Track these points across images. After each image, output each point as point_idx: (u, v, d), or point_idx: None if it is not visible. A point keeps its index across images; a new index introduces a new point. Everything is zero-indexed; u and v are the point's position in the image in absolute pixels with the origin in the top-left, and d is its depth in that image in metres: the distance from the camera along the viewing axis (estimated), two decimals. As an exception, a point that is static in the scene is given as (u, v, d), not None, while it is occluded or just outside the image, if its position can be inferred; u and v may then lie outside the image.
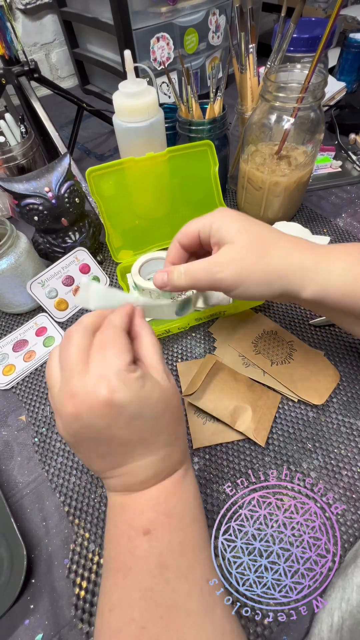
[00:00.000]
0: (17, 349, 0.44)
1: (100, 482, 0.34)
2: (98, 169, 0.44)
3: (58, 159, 0.45)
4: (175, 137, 0.56)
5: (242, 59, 0.50)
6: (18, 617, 0.28)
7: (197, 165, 0.48)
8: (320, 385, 0.38)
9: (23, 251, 0.43)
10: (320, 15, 0.88)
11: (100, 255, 0.54)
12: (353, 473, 0.33)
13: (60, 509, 0.33)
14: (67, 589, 0.29)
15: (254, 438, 0.34)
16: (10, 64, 0.60)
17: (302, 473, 0.33)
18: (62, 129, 0.89)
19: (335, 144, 0.69)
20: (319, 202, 0.61)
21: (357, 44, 0.75)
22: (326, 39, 0.39)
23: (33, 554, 0.31)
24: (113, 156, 0.80)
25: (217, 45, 0.87)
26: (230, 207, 0.61)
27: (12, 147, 0.57)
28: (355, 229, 0.56)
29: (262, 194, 0.52)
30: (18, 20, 0.95)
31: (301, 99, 0.42)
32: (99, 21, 0.78)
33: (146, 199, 0.49)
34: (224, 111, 0.51)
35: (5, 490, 0.35)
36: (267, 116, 0.47)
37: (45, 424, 0.39)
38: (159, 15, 0.74)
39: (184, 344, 0.44)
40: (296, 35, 0.58)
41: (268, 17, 1.04)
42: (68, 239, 0.49)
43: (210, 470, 0.34)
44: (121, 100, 0.45)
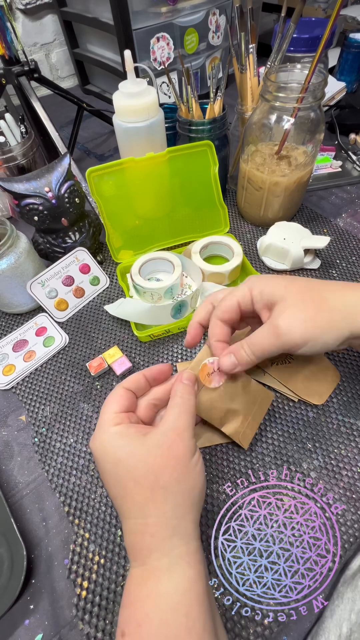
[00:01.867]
0: (17, 349, 0.44)
1: (100, 482, 0.34)
2: (98, 169, 0.44)
3: (58, 159, 0.45)
4: (175, 137, 0.56)
5: (242, 59, 0.50)
6: (18, 617, 0.28)
7: (197, 165, 0.48)
8: (320, 385, 0.38)
9: (23, 251, 0.43)
10: (320, 16, 0.88)
11: (100, 255, 0.54)
12: (353, 473, 0.33)
13: (60, 509, 0.33)
14: (67, 589, 0.29)
15: (238, 441, 0.33)
16: (10, 64, 0.60)
17: (302, 473, 0.33)
18: (62, 129, 0.89)
19: (335, 144, 0.69)
20: (319, 202, 0.61)
21: (357, 44, 0.75)
22: (326, 39, 0.39)
23: (33, 554, 0.31)
24: (113, 156, 0.80)
25: (217, 45, 0.87)
26: (230, 207, 0.61)
27: (12, 147, 0.57)
28: (355, 229, 0.56)
29: (262, 194, 0.52)
30: (18, 20, 0.95)
31: (301, 99, 0.42)
32: (99, 21, 0.78)
33: (146, 199, 0.49)
34: (224, 111, 0.51)
35: (5, 490, 0.35)
36: (267, 116, 0.47)
37: (45, 424, 0.39)
38: (159, 16, 0.75)
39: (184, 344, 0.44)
40: (296, 35, 0.58)
41: (268, 17, 1.04)
42: (68, 239, 0.49)
43: (210, 470, 0.34)
44: (121, 100, 0.45)
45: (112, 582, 0.29)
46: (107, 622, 0.28)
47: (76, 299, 0.49)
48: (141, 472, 0.23)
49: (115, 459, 0.23)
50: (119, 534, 0.31)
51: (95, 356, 0.43)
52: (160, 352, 0.43)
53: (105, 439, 0.24)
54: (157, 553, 0.22)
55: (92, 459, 0.36)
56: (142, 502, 0.23)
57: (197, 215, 0.52)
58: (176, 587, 0.21)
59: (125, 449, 0.23)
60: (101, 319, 0.48)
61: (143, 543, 0.22)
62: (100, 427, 0.25)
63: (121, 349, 0.43)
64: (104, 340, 0.45)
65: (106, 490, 0.25)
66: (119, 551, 0.31)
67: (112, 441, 0.24)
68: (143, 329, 0.43)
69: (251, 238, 0.56)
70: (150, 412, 0.29)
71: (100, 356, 0.42)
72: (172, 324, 0.43)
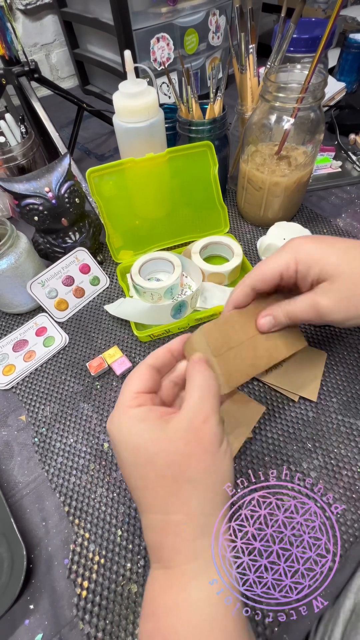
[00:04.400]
0: (17, 349, 0.44)
1: (100, 481, 0.34)
2: (98, 170, 0.44)
3: (58, 159, 0.45)
4: (175, 137, 0.56)
5: (242, 59, 0.50)
6: (18, 617, 0.28)
7: (197, 165, 0.48)
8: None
9: (23, 251, 0.44)
10: (320, 16, 0.88)
11: (101, 256, 0.54)
12: (353, 473, 0.33)
13: (60, 509, 0.33)
14: (67, 589, 0.29)
15: None
16: (10, 64, 0.60)
17: (302, 473, 0.33)
18: (62, 129, 0.89)
19: (335, 145, 0.69)
20: (319, 203, 0.61)
21: (357, 45, 0.76)
22: (326, 39, 0.39)
23: (33, 554, 0.31)
24: (113, 156, 0.80)
25: (217, 45, 0.87)
26: (230, 207, 0.61)
27: (12, 147, 0.57)
28: (355, 229, 0.56)
29: (262, 194, 0.52)
30: (18, 20, 0.95)
31: (301, 99, 0.42)
32: (99, 21, 0.78)
33: (146, 199, 0.49)
34: (224, 111, 0.51)
35: (5, 490, 0.35)
36: (267, 116, 0.47)
37: (45, 424, 0.39)
38: (159, 16, 0.75)
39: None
40: (296, 36, 0.58)
41: (268, 18, 1.04)
42: (68, 239, 0.49)
43: (210, 470, 0.34)
44: (121, 100, 0.45)
45: (113, 582, 0.29)
46: (108, 622, 0.28)
47: (76, 299, 0.49)
48: (164, 462, 0.20)
49: (134, 445, 0.21)
50: (119, 534, 0.31)
51: (95, 356, 0.43)
52: (160, 352, 0.43)
53: (123, 421, 0.21)
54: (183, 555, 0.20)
55: (92, 459, 0.36)
56: (165, 496, 0.20)
57: (197, 216, 0.52)
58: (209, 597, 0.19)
59: (145, 435, 0.20)
60: (101, 319, 0.48)
61: (166, 542, 0.20)
62: (119, 407, 0.22)
63: (121, 349, 0.43)
64: (104, 340, 0.45)
65: (125, 483, 0.22)
66: (119, 551, 0.31)
67: (132, 425, 0.21)
68: (143, 329, 0.43)
69: (251, 238, 0.56)
70: (172, 392, 0.26)
71: (100, 356, 0.42)
72: (172, 324, 0.43)
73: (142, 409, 0.22)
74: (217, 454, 0.21)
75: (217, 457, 0.21)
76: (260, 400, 0.38)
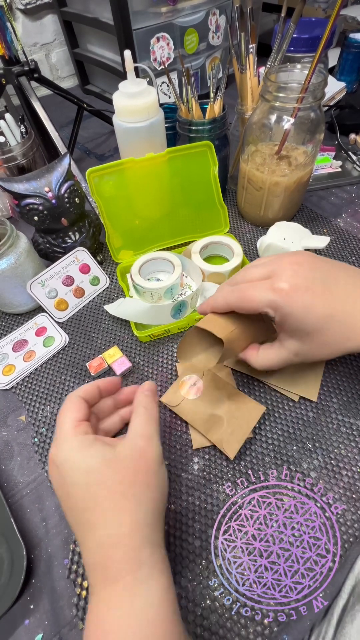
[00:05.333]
0: (17, 349, 0.44)
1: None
2: (98, 170, 0.44)
3: (58, 159, 0.45)
4: (175, 137, 0.56)
5: (242, 59, 0.50)
6: (18, 617, 0.28)
7: (197, 165, 0.48)
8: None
9: (23, 251, 0.43)
10: (320, 16, 0.88)
11: (100, 255, 0.54)
12: (353, 473, 0.33)
13: (60, 509, 0.33)
14: (67, 589, 0.29)
15: (223, 450, 0.33)
16: (10, 64, 0.60)
17: (302, 473, 0.33)
18: (62, 129, 0.89)
19: (335, 144, 0.69)
20: (319, 202, 0.61)
21: (357, 44, 0.75)
22: (326, 39, 0.39)
23: (33, 554, 0.31)
24: (113, 156, 0.80)
25: (217, 45, 0.87)
26: (230, 207, 0.61)
27: (12, 147, 0.57)
28: (355, 229, 0.56)
29: (262, 194, 0.52)
30: (18, 20, 0.95)
31: (301, 99, 0.42)
32: (99, 21, 0.78)
33: (146, 199, 0.49)
34: (224, 111, 0.51)
35: (5, 490, 0.35)
36: (267, 116, 0.47)
37: (45, 424, 0.39)
38: (159, 16, 0.75)
39: (184, 344, 0.44)
40: (296, 36, 0.58)
41: (268, 17, 1.04)
42: (68, 239, 0.49)
43: (210, 470, 0.34)
44: (121, 100, 0.45)
45: (112, 582, 0.29)
46: (107, 622, 0.28)
47: (76, 299, 0.49)
48: (115, 479, 0.22)
49: (86, 468, 0.23)
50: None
51: (95, 356, 0.43)
52: (160, 352, 0.43)
53: (74, 446, 0.23)
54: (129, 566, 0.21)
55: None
56: (114, 512, 0.22)
57: (197, 216, 0.52)
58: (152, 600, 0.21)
59: (97, 457, 0.23)
60: (101, 319, 0.48)
61: (114, 556, 0.21)
62: (64, 435, 0.24)
63: (121, 349, 0.43)
64: (104, 340, 0.45)
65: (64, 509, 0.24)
66: (119, 551, 0.31)
67: (82, 450, 0.23)
68: (143, 329, 0.43)
69: (251, 238, 0.56)
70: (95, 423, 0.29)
71: (100, 356, 0.42)
72: (172, 324, 0.43)
73: (88, 436, 0.24)
74: (159, 470, 0.24)
75: (159, 474, 0.24)
76: (260, 400, 0.38)
